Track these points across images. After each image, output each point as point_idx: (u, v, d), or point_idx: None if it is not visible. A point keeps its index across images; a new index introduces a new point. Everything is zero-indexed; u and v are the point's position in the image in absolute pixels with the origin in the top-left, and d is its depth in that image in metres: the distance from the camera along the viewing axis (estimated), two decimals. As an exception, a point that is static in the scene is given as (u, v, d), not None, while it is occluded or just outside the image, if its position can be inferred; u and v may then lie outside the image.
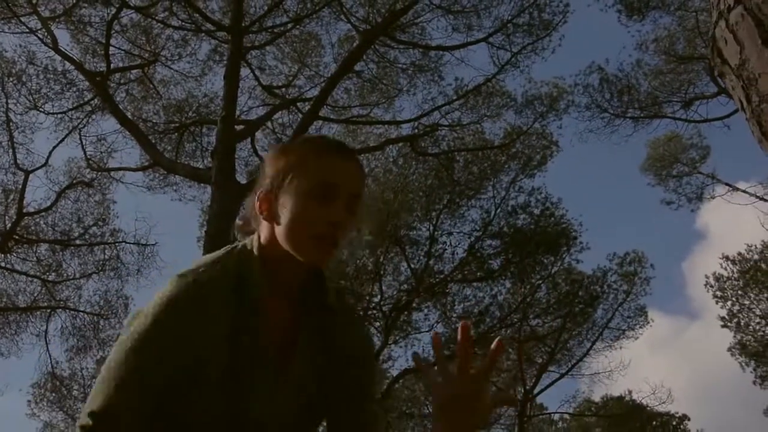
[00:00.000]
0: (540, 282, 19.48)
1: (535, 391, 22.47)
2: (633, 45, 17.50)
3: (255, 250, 1.62)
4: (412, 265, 18.51)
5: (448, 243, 18.68)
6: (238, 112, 14.80)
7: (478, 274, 18.95)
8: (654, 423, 27.28)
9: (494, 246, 18.79)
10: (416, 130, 16.79)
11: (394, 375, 20.36)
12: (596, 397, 26.98)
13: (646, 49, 17.41)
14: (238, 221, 1.75)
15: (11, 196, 18.77)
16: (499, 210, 18.39)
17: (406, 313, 19.12)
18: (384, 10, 15.53)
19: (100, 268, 19.87)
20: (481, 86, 16.29)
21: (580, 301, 19.87)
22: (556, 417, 28.19)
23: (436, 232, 18.31)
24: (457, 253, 18.75)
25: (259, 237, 1.65)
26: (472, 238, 18.52)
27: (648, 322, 21.84)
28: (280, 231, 1.58)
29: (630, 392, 26.59)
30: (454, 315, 19.54)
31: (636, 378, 45.77)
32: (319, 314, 1.69)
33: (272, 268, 1.61)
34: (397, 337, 19.60)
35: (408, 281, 18.73)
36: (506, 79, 16.63)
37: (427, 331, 19.60)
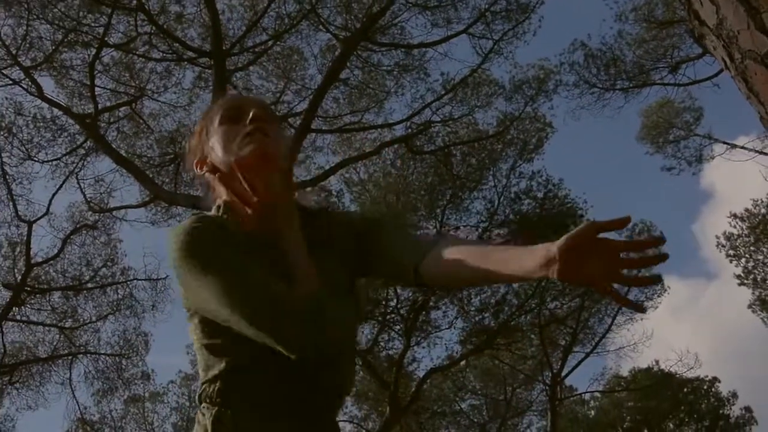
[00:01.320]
0: (553, 265, 19.42)
1: (563, 374, 22.43)
2: (613, 17, 17.41)
3: (219, 205, 1.77)
4: (424, 264, 18.48)
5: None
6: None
7: (491, 264, 18.87)
8: (685, 389, 27.24)
9: (502, 235, 18.75)
10: (410, 130, 16.80)
11: (421, 376, 20.34)
12: (624, 372, 26.94)
13: (626, 19, 17.36)
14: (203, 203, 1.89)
15: (18, 249, 18.84)
16: (502, 198, 18.37)
17: (424, 313, 19.11)
18: (361, 15, 15.55)
19: (115, 308, 19.96)
20: (467, 78, 16.30)
21: (595, 278, 19.80)
22: (587, 397, 28.15)
23: (443, 229, 18.29)
24: (465, 246, 18.71)
25: (219, 197, 1.80)
26: (480, 230, 18.48)
27: (665, 290, 21.80)
28: (222, 165, 1.77)
29: (657, 362, 26.57)
30: (472, 308, 19.53)
31: (661, 347, 45.73)
32: (320, 231, 1.79)
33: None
34: (419, 338, 19.59)
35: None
36: (492, 67, 16.67)
37: (447, 329, 19.60)
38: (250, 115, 1.77)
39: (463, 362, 22.09)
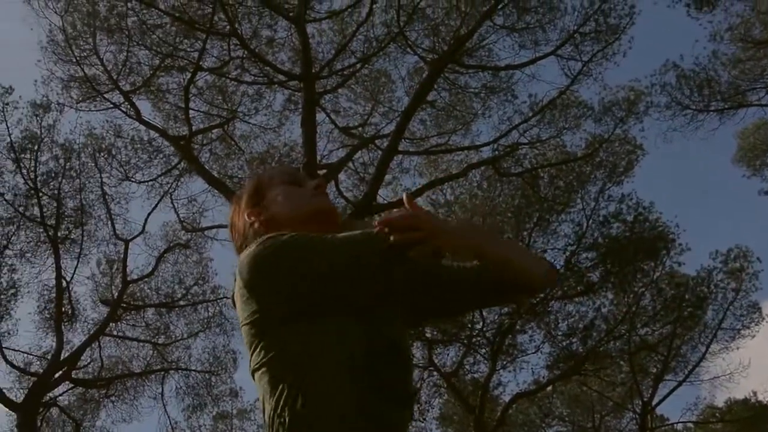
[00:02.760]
0: (643, 289, 18.98)
1: (654, 403, 21.79)
2: (706, 37, 17.03)
3: None
4: (510, 287, 18.28)
5: (544, 261, 18.39)
6: (319, 157, 15.06)
7: (579, 288, 18.59)
8: (785, 422, 26.09)
9: (591, 258, 18.43)
10: (497, 152, 16.72)
11: (507, 401, 20.09)
12: (719, 402, 25.94)
13: (721, 39, 16.95)
14: (236, 244, 2.04)
15: (115, 266, 19.51)
16: (591, 221, 18.06)
17: (510, 336, 18.90)
18: (449, 38, 15.63)
19: (205, 325, 20.41)
20: (556, 99, 16.15)
21: (687, 305, 19.23)
22: (679, 427, 27.21)
23: (529, 252, 18.09)
24: (553, 270, 18.44)
25: None
26: (568, 253, 18.21)
27: (763, 318, 20.97)
28: (285, 215, 1.92)
29: (755, 393, 25.50)
30: (560, 333, 19.23)
31: (759, 378, 43.79)
32: None
33: None
34: (505, 362, 19.37)
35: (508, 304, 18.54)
36: (581, 89, 16.44)
37: (533, 353, 19.33)
38: (316, 180, 2.00)
39: (549, 388, 21.73)
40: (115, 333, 19.90)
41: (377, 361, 1.69)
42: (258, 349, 1.73)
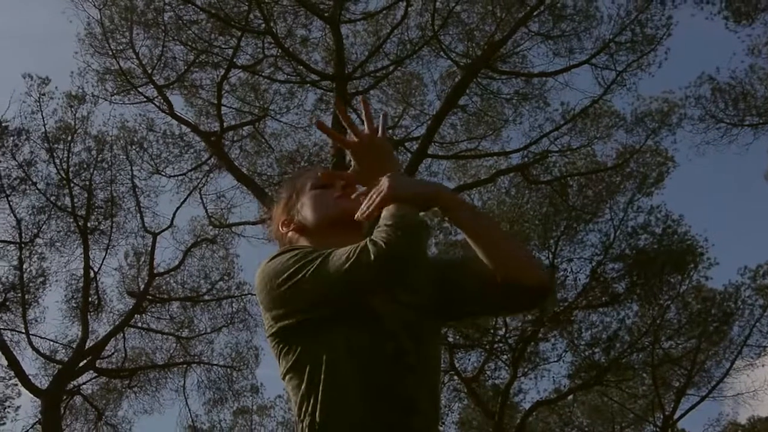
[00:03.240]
0: (669, 302, 18.84)
1: (676, 417, 21.61)
2: (744, 50, 16.85)
3: None
4: (534, 295, 18.21)
5: (569, 269, 18.35)
6: (348, 158, 15.07)
7: (603, 298, 18.50)
8: (808, 443, 25.77)
9: (617, 269, 18.32)
10: (526, 159, 16.67)
11: (527, 408, 20.02)
12: (742, 419, 25.70)
13: (759, 53, 16.77)
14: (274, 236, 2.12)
15: (142, 259, 19.67)
16: (618, 232, 17.95)
17: (532, 344, 18.83)
18: (483, 43, 15.61)
19: (229, 321, 20.51)
20: (588, 108, 16.08)
21: (713, 320, 19.06)
22: (701, 442, 26.97)
23: (555, 260, 18.02)
24: (579, 279, 18.39)
25: None
26: (594, 263, 18.12)
27: (788, 336, 20.74)
28: (311, 222, 1.99)
29: (778, 412, 25.24)
30: (582, 343, 19.13)
31: (784, 397, 43.32)
32: None
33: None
34: (526, 369, 19.30)
35: (532, 311, 18.47)
36: (613, 98, 16.35)
37: (555, 362, 19.25)
38: (341, 182, 1.99)
39: (570, 397, 21.63)
40: (139, 325, 20.07)
41: (383, 369, 1.74)
42: (280, 358, 1.83)
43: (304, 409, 1.73)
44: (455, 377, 18.95)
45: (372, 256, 1.62)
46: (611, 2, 15.39)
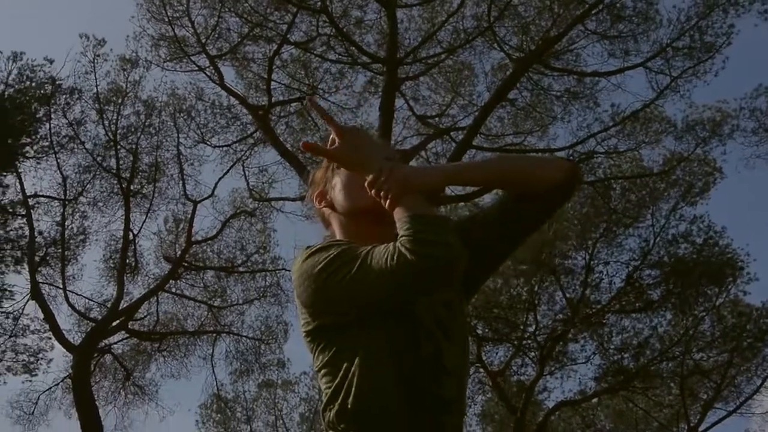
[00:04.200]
0: (704, 314, 18.62)
1: (700, 429, 21.40)
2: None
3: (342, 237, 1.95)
4: (568, 295, 18.15)
5: (605, 272, 18.21)
6: (392, 142, 15.10)
7: (637, 304, 18.33)
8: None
9: (654, 276, 18.14)
10: (571, 158, 16.52)
11: (550, 407, 19.96)
12: (768, 438, 25.39)
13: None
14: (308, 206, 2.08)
15: (181, 225, 19.88)
16: (658, 239, 17.77)
17: (561, 343, 18.74)
18: (538, 38, 15.48)
19: (261, 294, 20.66)
20: (638, 112, 15.86)
21: (748, 335, 18.79)
22: (723, 457, 26.70)
23: (592, 261, 17.90)
24: (614, 283, 18.25)
25: (334, 232, 2.00)
26: (630, 268, 17.96)
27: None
28: (340, 207, 1.96)
29: (806, 433, 24.87)
30: (612, 347, 19.00)
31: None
32: None
33: (361, 237, 1.86)
34: (553, 368, 19.23)
35: (563, 311, 18.37)
36: (665, 104, 16.11)
37: (583, 363, 19.14)
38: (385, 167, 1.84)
39: (595, 400, 21.50)
40: (173, 290, 20.30)
41: (420, 370, 1.75)
42: (316, 353, 1.84)
43: (336, 398, 1.74)
44: (481, 369, 18.93)
45: (414, 259, 1.59)
46: (672, 6, 15.19)
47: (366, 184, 1.76)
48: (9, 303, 17.32)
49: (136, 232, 18.98)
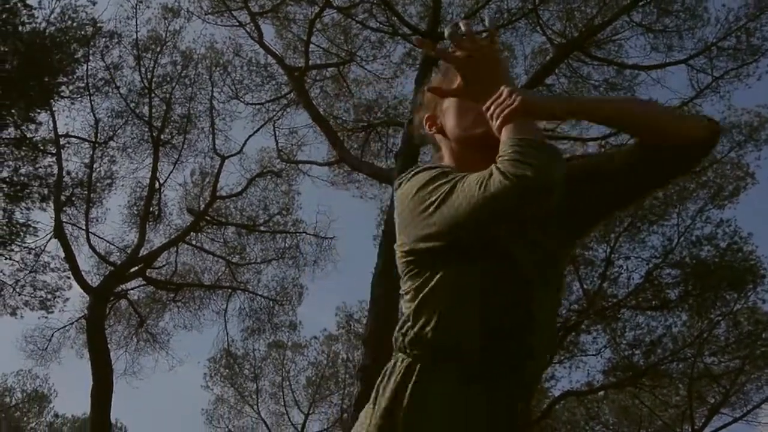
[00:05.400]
0: (720, 318, 18.51)
1: (704, 432, 21.37)
2: None
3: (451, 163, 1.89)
4: (585, 286, 18.10)
5: (625, 267, 18.11)
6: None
7: (654, 302, 18.25)
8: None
9: (673, 275, 18.03)
10: (602, 149, 16.40)
11: (556, 395, 19.98)
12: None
13: None
14: (417, 131, 2.04)
15: (207, 179, 19.97)
16: (682, 239, 17.63)
17: (573, 333, 18.72)
18: (581, 25, 15.32)
19: (280, 255, 20.77)
20: (676, 109, 15.66)
21: (763, 344, 18.69)
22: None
23: (612, 255, 17.81)
24: (633, 279, 18.15)
25: (443, 156, 1.96)
26: (651, 265, 17.86)
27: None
28: (452, 134, 1.91)
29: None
30: (624, 342, 18.95)
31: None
32: None
33: (470, 163, 1.82)
34: (562, 357, 19.22)
35: (579, 301, 18.32)
36: (704, 103, 15.91)
37: (593, 355, 19.12)
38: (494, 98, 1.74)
39: (601, 393, 21.50)
40: (194, 243, 20.43)
41: (508, 312, 1.72)
42: (407, 278, 1.81)
43: (415, 324, 1.73)
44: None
45: (506, 182, 1.53)
46: (722, 5, 14.95)
47: (486, 105, 1.70)
48: (32, 239, 17.50)
49: (162, 182, 19.12)
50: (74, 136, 18.23)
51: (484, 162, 1.68)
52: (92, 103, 17.71)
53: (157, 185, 18.75)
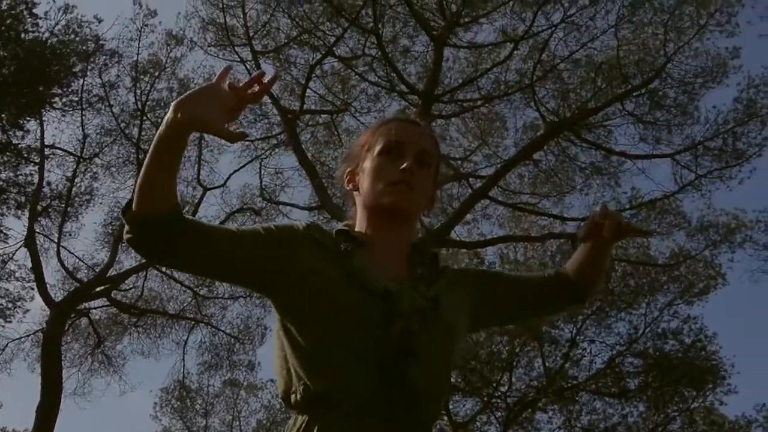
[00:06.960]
0: (676, 414, 18.53)
1: None
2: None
3: (341, 226, 1.90)
4: (547, 364, 18.09)
5: (589, 350, 18.17)
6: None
7: (613, 389, 18.27)
8: None
9: (635, 365, 18.10)
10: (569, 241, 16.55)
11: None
12: None
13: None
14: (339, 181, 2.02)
15: (186, 208, 19.89)
16: (648, 329, 17.74)
17: (530, 410, 18.65)
18: (575, 106, 15.59)
19: (248, 293, 20.54)
20: (656, 201, 15.91)
21: (716, 446, 18.73)
22: None
23: (578, 337, 17.87)
24: (595, 363, 18.21)
25: (352, 217, 1.96)
26: (615, 352, 17.93)
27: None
28: (363, 191, 1.86)
29: None
30: (578, 425, 18.89)
31: None
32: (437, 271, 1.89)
33: (372, 229, 1.84)
34: (516, 433, 19.12)
35: (539, 379, 18.30)
36: (685, 199, 16.17)
37: (547, 436, 19.00)
38: (406, 162, 1.80)
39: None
40: (163, 270, 20.24)
41: (386, 346, 1.64)
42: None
43: (300, 379, 1.67)
44: (445, 417, 18.83)
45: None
46: (712, 106, 15.27)
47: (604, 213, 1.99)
48: (1, 245, 17.32)
49: (141, 205, 18.91)
50: (60, 148, 18.19)
51: (390, 232, 1.81)
52: (83, 117, 17.70)
53: (135, 208, 18.58)
